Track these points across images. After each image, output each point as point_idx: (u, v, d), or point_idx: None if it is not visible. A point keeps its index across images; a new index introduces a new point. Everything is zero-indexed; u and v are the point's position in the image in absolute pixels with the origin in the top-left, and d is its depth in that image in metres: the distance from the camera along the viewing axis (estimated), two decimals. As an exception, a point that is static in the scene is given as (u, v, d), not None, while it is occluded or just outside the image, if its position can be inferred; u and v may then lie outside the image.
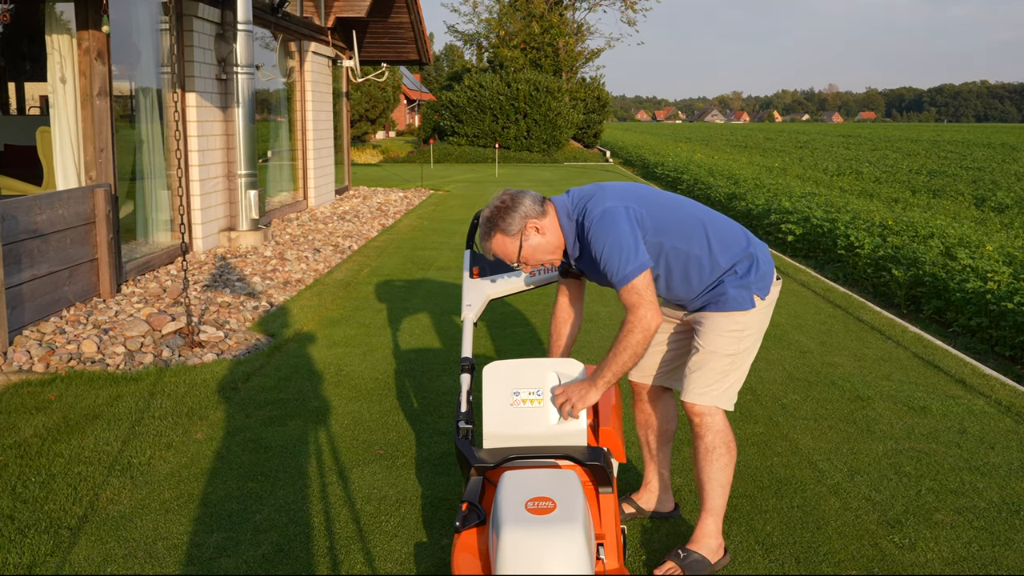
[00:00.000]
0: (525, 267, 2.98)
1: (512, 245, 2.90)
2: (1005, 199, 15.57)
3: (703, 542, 3.01)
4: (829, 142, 44.50)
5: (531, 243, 2.91)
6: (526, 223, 2.89)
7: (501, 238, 2.90)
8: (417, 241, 10.55)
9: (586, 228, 2.89)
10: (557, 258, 2.99)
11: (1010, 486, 3.69)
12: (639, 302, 2.78)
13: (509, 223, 2.88)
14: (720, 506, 3.02)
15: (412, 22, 16.27)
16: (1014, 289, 6.46)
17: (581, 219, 2.92)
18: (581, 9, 39.21)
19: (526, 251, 2.91)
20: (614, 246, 2.80)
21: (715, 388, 2.97)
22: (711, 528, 3.02)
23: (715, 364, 2.98)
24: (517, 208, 2.89)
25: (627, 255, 2.79)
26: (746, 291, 2.97)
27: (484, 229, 2.95)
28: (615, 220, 2.84)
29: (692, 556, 2.98)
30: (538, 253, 2.93)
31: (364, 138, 36.84)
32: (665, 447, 3.36)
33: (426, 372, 5.22)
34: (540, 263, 2.98)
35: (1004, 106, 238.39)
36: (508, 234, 2.89)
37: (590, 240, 2.87)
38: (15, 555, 3.06)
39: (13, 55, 12.72)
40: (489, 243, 2.94)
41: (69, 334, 5.68)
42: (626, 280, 2.78)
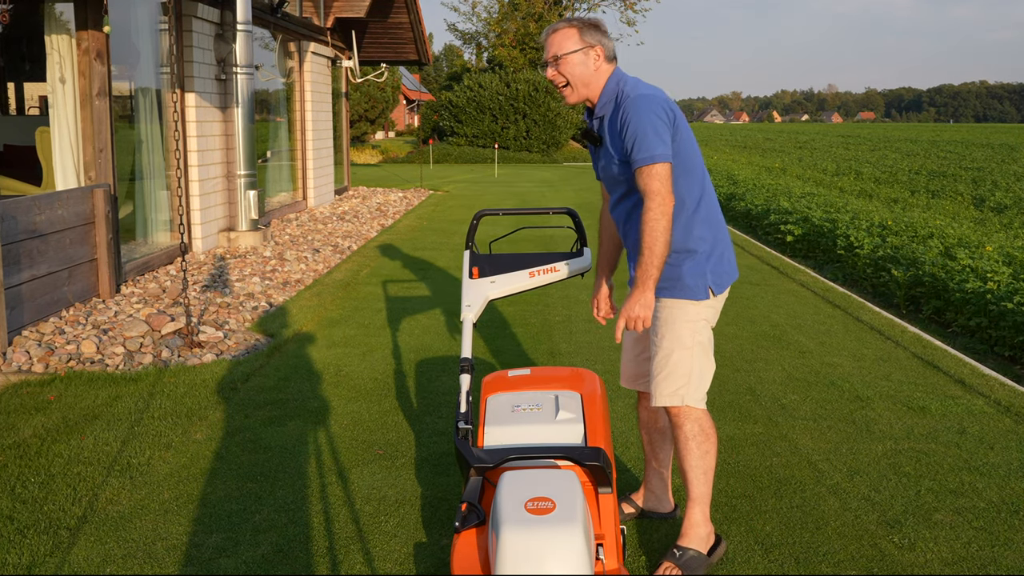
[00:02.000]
0: (554, 69, 3.00)
1: (570, 46, 2.96)
2: (1004, 199, 15.58)
3: (692, 533, 3.02)
4: (828, 142, 44.52)
5: (581, 59, 2.96)
6: (597, 47, 2.97)
7: (572, 33, 2.97)
8: (416, 241, 10.55)
9: (627, 97, 2.91)
10: (579, 96, 3.02)
11: (1009, 486, 3.69)
12: (660, 189, 2.82)
13: (589, 31, 2.97)
14: (704, 493, 3.02)
15: (411, 22, 16.27)
16: (1014, 289, 6.46)
17: (624, 89, 2.96)
18: (581, 10, 39.15)
19: (572, 59, 2.96)
20: (648, 125, 2.84)
21: (683, 388, 2.99)
22: (698, 517, 3.02)
23: (678, 363, 2.99)
24: (604, 34, 3.00)
25: (658, 139, 2.83)
26: (702, 280, 2.98)
27: (564, 19, 3.01)
28: (654, 107, 2.88)
29: (687, 553, 2.98)
30: (576, 71, 2.97)
31: (363, 138, 36.84)
32: (666, 447, 3.36)
33: (426, 372, 5.22)
34: (565, 80, 2.99)
35: (1003, 106, 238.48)
36: (581, 36, 2.96)
37: (624, 110, 2.89)
38: (14, 555, 3.06)
39: (13, 55, 12.72)
40: (557, 28, 3.00)
41: (68, 334, 5.68)
42: (652, 160, 2.81)
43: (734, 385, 5.01)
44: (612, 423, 4.39)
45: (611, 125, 2.97)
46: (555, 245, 10.27)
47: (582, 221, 3.67)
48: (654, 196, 2.82)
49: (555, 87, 3.06)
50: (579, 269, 3.67)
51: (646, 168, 2.83)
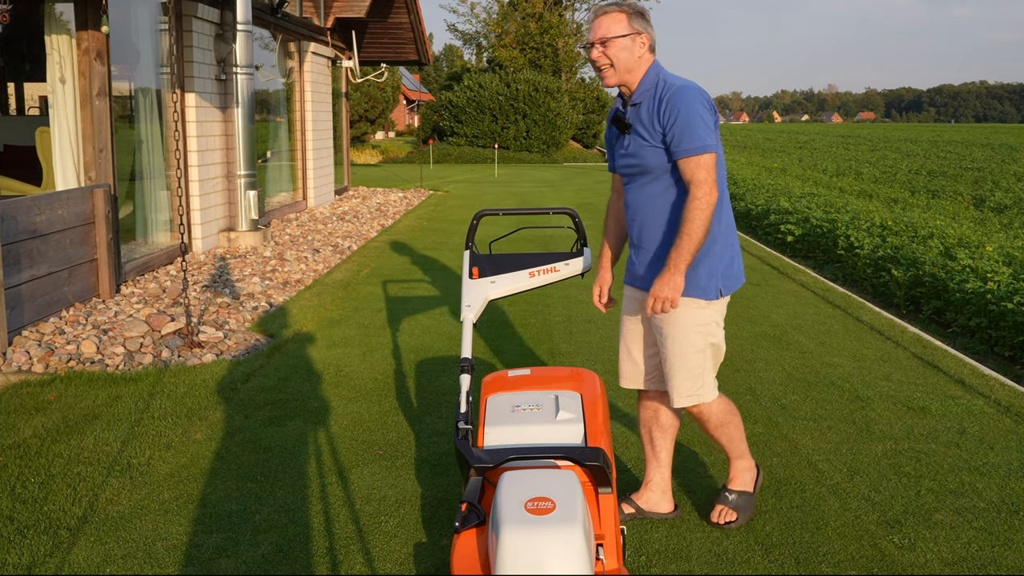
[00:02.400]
0: (600, 49, 3.04)
1: (619, 30, 3.02)
2: (1004, 199, 15.58)
3: (740, 477, 3.35)
4: (828, 142, 44.53)
5: (628, 45, 3.03)
6: (644, 35, 3.04)
7: (621, 18, 3.02)
8: (416, 241, 10.55)
9: (671, 87, 2.99)
10: (618, 80, 3.08)
11: (1009, 486, 3.69)
12: (707, 178, 2.91)
13: (638, 19, 3.04)
14: (744, 450, 3.34)
15: (411, 22, 16.27)
16: (1014, 289, 6.46)
17: (666, 80, 3.04)
18: (580, 10, 39.18)
19: (619, 43, 3.02)
20: (697, 116, 2.92)
21: (698, 386, 3.13)
22: (743, 464, 3.35)
23: (693, 363, 3.10)
24: (648, 22, 3.09)
25: (705, 130, 2.91)
26: (714, 280, 3.07)
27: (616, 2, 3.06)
28: (701, 99, 2.98)
29: (737, 495, 3.32)
30: (622, 56, 3.03)
31: (363, 138, 36.84)
32: (667, 446, 3.40)
33: (426, 372, 5.22)
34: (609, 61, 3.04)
35: (1003, 106, 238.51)
36: (629, 22, 3.03)
37: (670, 100, 2.96)
38: (14, 556, 3.06)
39: (12, 55, 12.72)
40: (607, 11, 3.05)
41: (68, 334, 5.68)
42: (700, 151, 2.90)
43: (734, 385, 5.01)
44: (612, 423, 4.39)
45: (648, 113, 3.03)
46: (555, 245, 10.27)
47: (582, 221, 3.67)
48: (701, 185, 2.91)
49: (596, 67, 3.11)
50: (579, 269, 3.67)
51: (694, 158, 2.92)
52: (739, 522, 3.29)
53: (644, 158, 3.05)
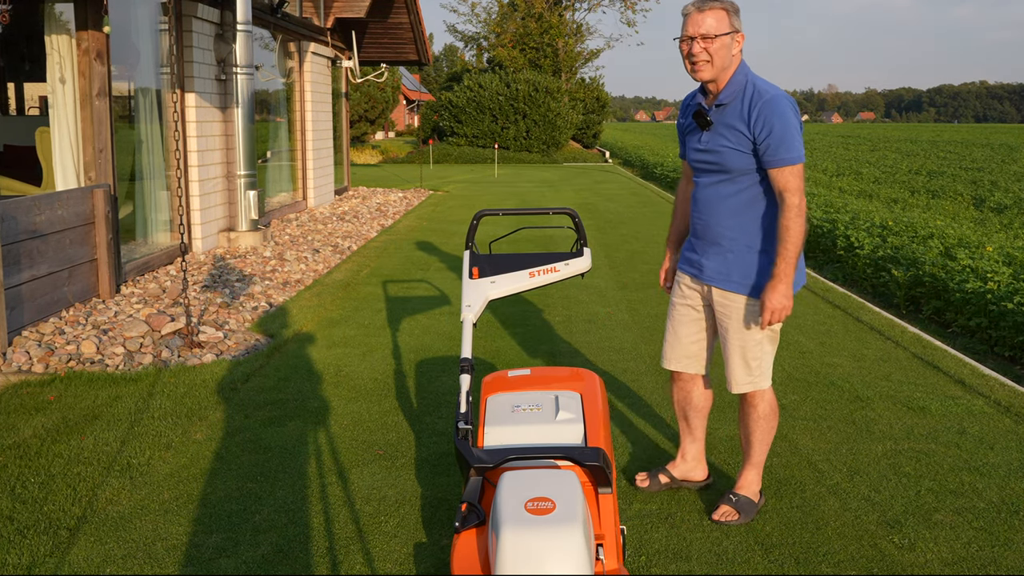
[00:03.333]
0: (700, 44, 3.07)
1: (719, 28, 3.05)
2: (1004, 199, 15.58)
3: (748, 488, 3.39)
4: (828, 142, 44.54)
5: (728, 43, 3.07)
6: (740, 34, 3.10)
7: (724, 16, 3.06)
8: (416, 242, 10.55)
9: (763, 94, 3.05)
10: (712, 75, 3.10)
11: (1009, 486, 3.69)
12: (799, 187, 3.01)
13: (737, 18, 3.10)
14: (762, 460, 3.41)
15: (411, 23, 16.27)
16: (1014, 289, 6.46)
17: (756, 85, 3.09)
18: (580, 10, 39.19)
19: (720, 40, 3.06)
20: (791, 127, 3.00)
21: (755, 375, 3.28)
22: (753, 477, 3.41)
23: (750, 354, 3.25)
24: (741, 23, 3.13)
25: (799, 141, 3.00)
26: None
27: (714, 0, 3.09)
28: (792, 109, 3.05)
29: (742, 499, 3.36)
30: (721, 52, 3.06)
31: (363, 138, 36.84)
32: (701, 422, 3.62)
33: (426, 372, 5.22)
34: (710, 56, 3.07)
35: (1003, 106, 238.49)
36: (730, 20, 3.07)
37: (761, 109, 3.02)
38: (14, 556, 3.06)
39: (12, 55, 12.72)
40: (711, 6, 3.06)
41: (68, 335, 5.68)
42: (796, 160, 3.00)
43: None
44: (612, 423, 4.39)
45: (737, 117, 3.09)
46: (555, 245, 10.27)
47: (582, 221, 3.68)
48: (795, 194, 3.01)
49: (692, 61, 3.12)
50: (579, 269, 3.67)
51: (789, 168, 3.01)
52: (739, 522, 3.33)
53: (725, 159, 3.13)
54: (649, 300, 7.28)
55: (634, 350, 5.74)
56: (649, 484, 3.61)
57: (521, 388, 3.10)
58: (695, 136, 3.25)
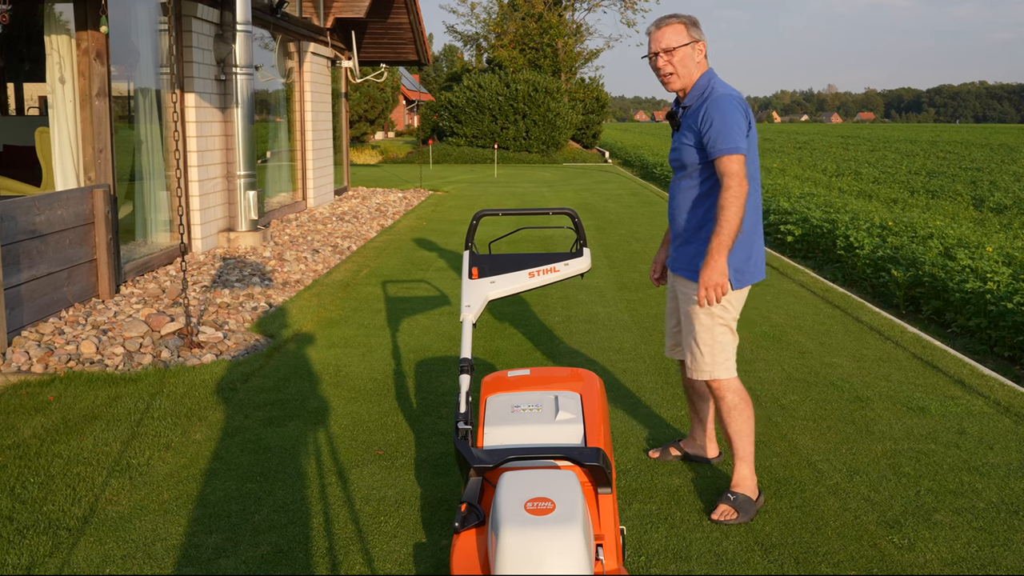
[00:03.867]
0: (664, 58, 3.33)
1: (679, 40, 3.31)
2: (1003, 200, 15.58)
3: (743, 484, 3.44)
4: (828, 143, 44.53)
5: (689, 53, 3.32)
6: (701, 43, 3.35)
7: (681, 29, 3.31)
8: (416, 242, 10.55)
9: (712, 94, 3.30)
10: (680, 85, 3.37)
11: (1009, 486, 3.69)
12: (736, 172, 3.17)
13: (695, 28, 3.34)
14: (749, 452, 3.45)
15: (411, 23, 16.27)
16: (1014, 289, 6.46)
17: (713, 87, 3.33)
18: (580, 10, 39.19)
19: (681, 52, 3.32)
20: (729, 122, 3.21)
21: (714, 364, 3.39)
22: (745, 471, 3.45)
23: (702, 340, 3.39)
24: (701, 31, 3.39)
25: (738, 134, 3.20)
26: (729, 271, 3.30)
27: (672, 15, 3.36)
28: (734, 105, 3.26)
29: (739, 497, 3.40)
30: (683, 63, 3.33)
31: (363, 139, 36.84)
32: (705, 406, 3.79)
33: (425, 372, 5.22)
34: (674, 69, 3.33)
35: (1003, 107, 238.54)
36: (687, 32, 3.32)
37: (707, 107, 3.26)
38: (14, 556, 3.06)
39: (12, 56, 12.71)
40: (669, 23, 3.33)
41: (68, 335, 5.68)
42: (732, 151, 3.18)
43: (734, 385, 5.01)
44: (612, 423, 4.39)
45: (694, 116, 3.33)
46: (555, 245, 10.27)
47: (581, 221, 3.68)
48: (732, 178, 3.17)
49: (661, 75, 3.39)
50: (579, 269, 3.67)
51: (727, 157, 3.19)
52: (738, 521, 3.34)
53: (684, 155, 3.38)
54: (649, 300, 7.28)
55: (634, 350, 5.74)
56: (660, 455, 3.90)
57: (521, 388, 3.10)
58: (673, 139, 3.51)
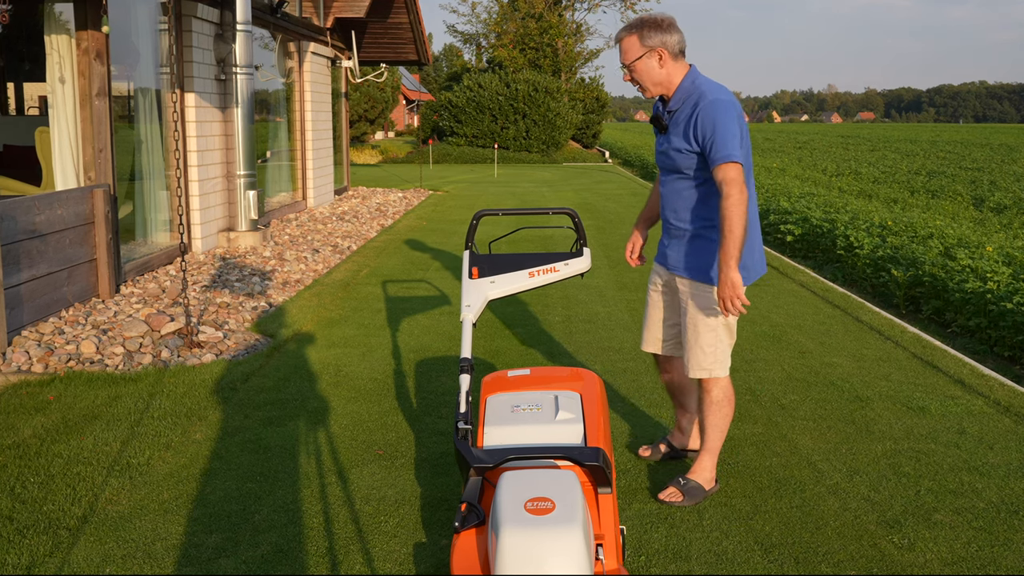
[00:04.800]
0: (627, 73, 3.36)
1: (636, 52, 3.29)
2: (1003, 200, 15.58)
3: (700, 474, 3.53)
4: (828, 142, 44.53)
5: (648, 64, 3.31)
6: (662, 47, 3.28)
7: (634, 41, 3.29)
8: (416, 241, 10.55)
9: (704, 98, 3.25)
10: (654, 93, 3.39)
11: (1009, 486, 3.69)
12: (736, 179, 3.17)
13: (649, 35, 3.28)
14: (717, 447, 3.55)
15: (411, 22, 16.27)
16: (1013, 289, 6.46)
17: (702, 90, 3.28)
18: (580, 10, 39.19)
19: (638, 65, 3.31)
20: (727, 129, 3.19)
21: (710, 362, 3.45)
22: (707, 463, 3.55)
23: (705, 340, 3.43)
24: (666, 32, 3.29)
25: (735, 141, 3.19)
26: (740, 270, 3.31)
27: (629, 25, 3.35)
28: (730, 112, 3.23)
29: (691, 483, 3.49)
30: (646, 74, 3.32)
31: (363, 138, 36.84)
32: (690, 397, 3.84)
33: (425, 372, 5.22)
34: (640, 82, 3.35)
35: (1003, 107, 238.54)
36: (642, 42, 3.28)
37: (700, 113, 3.23)
38: (14, 556, 3.06)
39: (12, 55, 12.71)
40: (622, 36, 3.34)
41: (68, 335, 5.68)
42: (729, 159, 3.17)
43: (734, 385, 5.00)
44: (612, 423, 4.39)
45: (684, 121, 3.30)
46: (555, 245, 10.27)
47: (582, 221, 3.69)
48: (731, 185, 3.16)
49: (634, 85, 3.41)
50: (579, 269, 3.67)
51: (724, 165, 3.19)
52: (683, 503, 3.44)
53: (677, 159, 3.36)
54: (649, 300, 7.27)
55: (634, 350, 5.74)
56: (651, 454, 3.92)
57: (521, 388, 3.10)
58: (659, 140, 3.51)
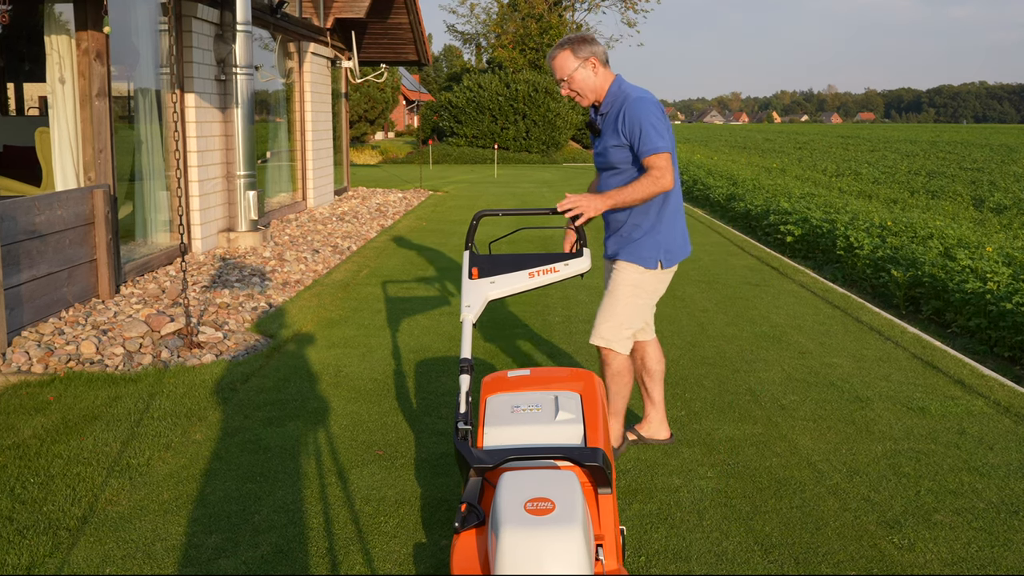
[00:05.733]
0: (565, 85, 3.65)
1: (571, 65, 3.59)
2: (1003, 200, 15.58)
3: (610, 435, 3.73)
4: (828, 143, 44.54)
5: (584, 73, 3.61)
6: (592, 57, 3.61)
7: (568, 55, 3.58)
8: (416, 242, 10.55)
9: (629, 99, 3.59)
10: (590, 100, 3.69)
11: (1009, 487, 3.69)
12: (665, 167, 3.52)
13: (580, 48, 3.59)
14: (622, 409, 3.90)
15: (411, 23, 16.27)
16: (1013, 290, 6.46)
17: (627, 92, 3.63)
18: (580, 10, 39.21)
19: (577, 75, 3.61)
20: (651, 123, 3.52)
21: (615, 336, 3.77)
22: (615, 425, 3.91)
23: (615, 314, 3.76)
24: (593, 44, 3.64)
25: (661, 134, 3.52)
26: (655, 253, 3.73)
27: (559, 44, 3.64)
28: (653, 108, 3.57)
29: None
30: (583, 83, 3.63)
31: (363, 139, 36.84)
32: (658, 388, 4.05)
33: (425, 373, 5.22)
34: (576, 92, 3.65)
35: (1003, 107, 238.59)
36: (575, 55, 3.59)
37: (627, 110, 3.55)
38: (14, 556, 3.06)
39: (12, 56, 12.72)
40: (556, 54, 3.62)
41: (68, 335, 5.68)
42: (658, 151, 3.51)
43: (734, 386, 5.01)
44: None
45: (613, 121, 3.63)
46: (555, 245, 10.27)
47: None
48: (659, 170, 3.52)
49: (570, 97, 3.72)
50: (579, 270, 3.66)
51: (654, 156, 3.52)
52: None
53: (610, 156, 3.68)
54: (649, 300, 7.28)
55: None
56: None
57: (521, 388, 3.09)
58: (594, 143, 3.80)
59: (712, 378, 5.16)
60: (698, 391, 4.91)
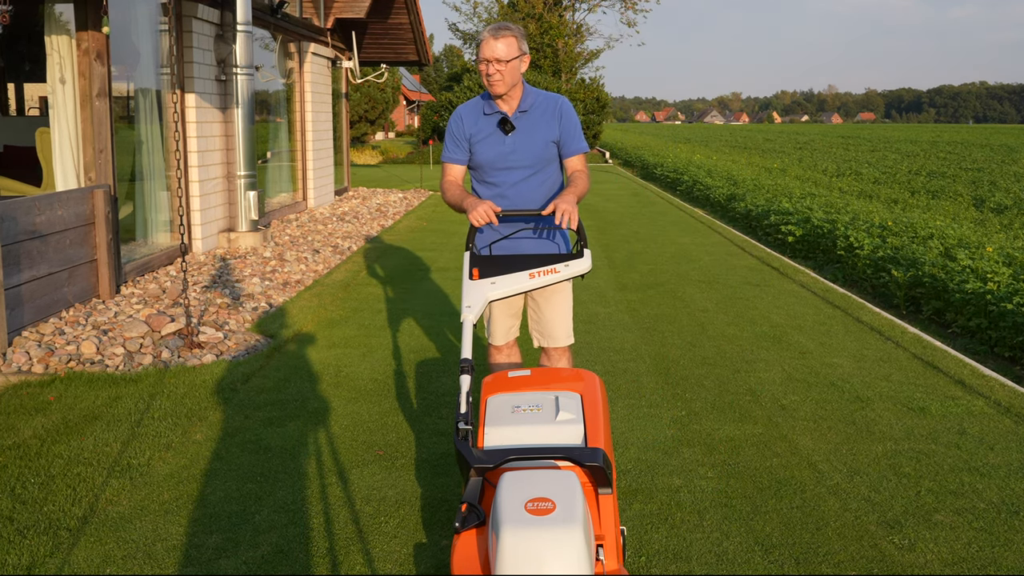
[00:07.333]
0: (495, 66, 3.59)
1: (515, 52, 3.63)
2: (1004, 200, 15.58)
3: None
4: (828, 143, 44.54)
5: (518, 65, 3.65)
6: (527, 56, 3.73)
7: (515, 42, 3.62)
8: (416, 242, 10.55)
9: (562, 100, 3.76)
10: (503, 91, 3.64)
11: (1009, 487, 3.69)
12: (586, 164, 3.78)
13: (523, 42, 3.71)
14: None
15: (411, 23, 16.27)
16: (1014, 290, 6.46)
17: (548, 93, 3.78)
18: (581, 10, 39.22)
19: (511, 63, 3.63)
20: (579, 125, 3.80)
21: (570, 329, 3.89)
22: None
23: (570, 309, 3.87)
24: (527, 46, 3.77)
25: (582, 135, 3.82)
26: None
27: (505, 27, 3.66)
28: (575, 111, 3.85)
29: None
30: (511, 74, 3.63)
31: (363, 139, 36.84)
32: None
33: (426, 373, 5.22)
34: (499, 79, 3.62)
35: (1003, 107, 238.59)
36: (519, 46, 3.65)
37: (563, 110, 3.72)
38: (14, 556, 3.06)
39: (13, 56, 12.72)
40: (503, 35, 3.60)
41: (68, 335, 5.68)
42: (585, 149, 3.77)
43: (734, 386, 5.01)
44: (612, 423, 4.39)
45: (544, 119, 3.70)
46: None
47: (582, 222, 3.70)
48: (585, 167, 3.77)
49: (488, 78, 3.60)
50: (579, 270, 3.67)
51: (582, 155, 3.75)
52: None
53: (536, 152, 3.69)
54: (649, 301, 7.28)
55: (634, 350, 5.74)
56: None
57: (521, 389, 3.09)
58: (496, 140, 3.69)
59: (712, 378, 5.16)
60: (698, 391, 4.91)
